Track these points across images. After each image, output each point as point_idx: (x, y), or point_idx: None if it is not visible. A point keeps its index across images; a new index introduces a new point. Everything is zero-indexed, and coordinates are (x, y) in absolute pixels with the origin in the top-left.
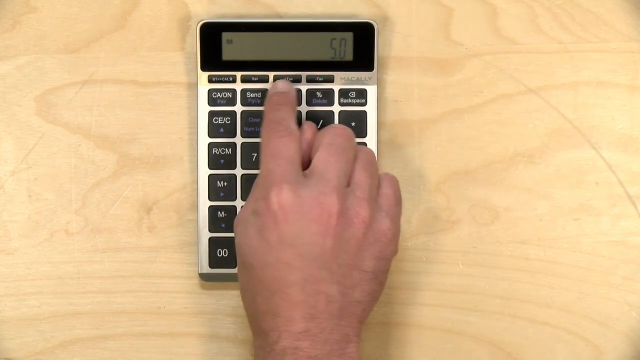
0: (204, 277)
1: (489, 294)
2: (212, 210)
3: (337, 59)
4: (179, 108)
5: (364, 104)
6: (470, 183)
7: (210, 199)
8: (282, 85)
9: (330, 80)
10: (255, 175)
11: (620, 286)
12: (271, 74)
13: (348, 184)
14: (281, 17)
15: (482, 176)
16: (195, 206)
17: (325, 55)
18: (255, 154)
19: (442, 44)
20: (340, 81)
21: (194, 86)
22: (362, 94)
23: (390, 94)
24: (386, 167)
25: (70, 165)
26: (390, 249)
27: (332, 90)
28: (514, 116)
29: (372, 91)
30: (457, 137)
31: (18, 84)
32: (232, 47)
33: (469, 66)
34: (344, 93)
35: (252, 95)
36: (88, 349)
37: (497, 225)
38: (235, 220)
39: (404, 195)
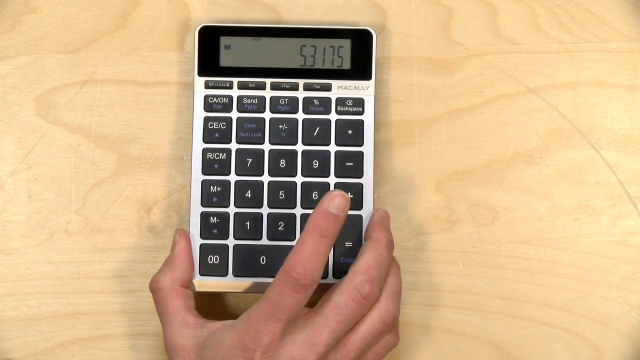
0: (192, 286)
1: (489, 294)
2: (205, 216)
3: (335, 67)
4: (179, 108)
5: (361, 113)
6: (470, 183)
7: (202, 204)
8: (339, 201)
9: (327, 88)
10: (249, 181)
11: (620, 286)
12: (268, 81)
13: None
14: (281, 17)
15: (482, 176)
16: None
17: (323, 64)
18: (250, 160)
19: (442, 44)
20: (338, 90)
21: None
22: (359, 103)
23: (390, 94)
24: (386, 167)
25: (70, 165)
26: None
27: (329, 99)
28: (514, 116)
29: (369, 100)
30: (457, 137)
31: (18, 84)
32: (230, 53)
33: (469, 66)
34: (341, 101)
35: (249, 101)
36: (88, 349)
37: (497, 225)
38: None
39: (404, 195)
